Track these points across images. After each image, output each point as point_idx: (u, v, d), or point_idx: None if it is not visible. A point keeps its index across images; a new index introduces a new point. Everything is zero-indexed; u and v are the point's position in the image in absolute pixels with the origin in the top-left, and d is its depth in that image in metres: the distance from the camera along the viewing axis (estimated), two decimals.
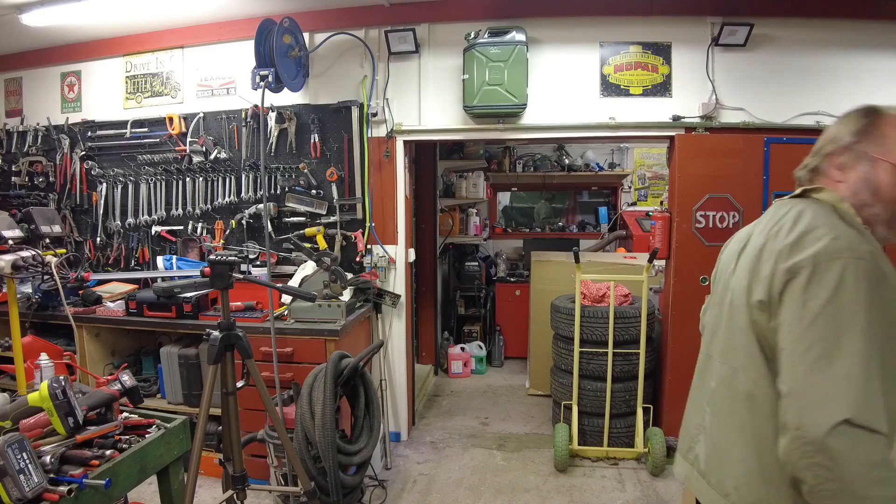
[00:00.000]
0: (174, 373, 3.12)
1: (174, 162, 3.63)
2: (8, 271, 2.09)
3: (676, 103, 3.22)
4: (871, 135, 1.11)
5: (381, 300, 3.43)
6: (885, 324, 0.95)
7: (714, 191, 3.19)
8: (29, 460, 1.29)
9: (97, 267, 3.85)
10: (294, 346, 2.87)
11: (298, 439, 2.35)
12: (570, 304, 3.50)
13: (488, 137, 3.58)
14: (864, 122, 1.13)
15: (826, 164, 1.16)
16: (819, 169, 1.18)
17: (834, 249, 0.98)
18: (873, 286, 0.96)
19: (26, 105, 4.01)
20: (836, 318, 0.95)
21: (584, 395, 3.36)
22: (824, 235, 1.01)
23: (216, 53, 3.59)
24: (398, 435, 3.63)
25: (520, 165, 5.78)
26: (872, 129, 1.11)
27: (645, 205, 5.83)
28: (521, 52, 3.08)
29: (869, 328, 0.94)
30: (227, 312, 1.96)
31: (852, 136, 1.12)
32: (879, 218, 1.09)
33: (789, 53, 3.13)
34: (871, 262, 0.97)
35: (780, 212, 1.14)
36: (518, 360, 5.25)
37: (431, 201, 4.81)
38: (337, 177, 3.45)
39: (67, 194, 3.85)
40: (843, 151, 1.14)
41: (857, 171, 1.11)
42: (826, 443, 0.89)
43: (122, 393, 1.70)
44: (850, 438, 0.89)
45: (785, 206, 1.15)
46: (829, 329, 0.95)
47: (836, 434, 0.89)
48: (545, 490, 3.01)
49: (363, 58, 3.40)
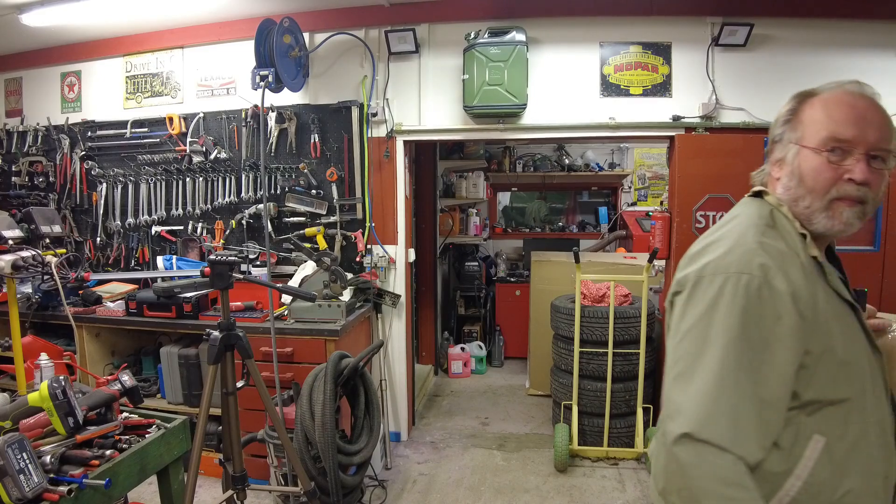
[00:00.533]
0: (174, 373, 3.12)
1: (174, 162, 3.63)
2: (8, 271, 2.09)
3: (676, 103, 3.22)
4: (792, 122, 1.04)
5: (381, 300, 3.43)
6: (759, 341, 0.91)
7: (714, 191, 3.19)
8: (29, 460, 1.29)
9: (97, 267, 3.85)
10: (294, 346, 2.87)
11: (298, 439, 2.35)
12: (570, 304, 3.50)
13: (488, 137, 3.59)
14: (787, 110, 1.06)
15: (769, 164, 1.10)
16: (766, 169, 1.12)
17: (719, 265, 0.97)
18: (752, 303, 0.92)
19: (26, 105, 4.01)
20: (704, 335, 0.94)
21: (584, 395, 3.36)
22: (719, 248, 0.99)
23: (216, 53, 3.59)
24: (398, 435, 3.63)
25: (520, 165, 5.77)
26: (793, 116, 1.04)
27: (645, 205, 5.82)
28: (521, 52, 3.08)
29: (733, 346, 0.91)
30: (227, 312, 1.96)
31: (780, 128, 1.06)
32: (814, 208, 1.01)
33: (789, 53, 3.13)
34: (758, 278, 0.93)
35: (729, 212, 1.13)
36: (518, 360, 5.25)
37: (431, 201, 4.81)
38: (337, 177, 3.45)
39: (67, 194, 3.85)
40: (773, 146, 1.08)
41: (786, 163, 1.05)
42: (673, 451, 0.91)
43: (122, 393, 1.70)
44: (693, 451, 0.89)
45: (736, 207, 1.14)
46: (696, 345, 0.94)
47: (680, 444, 0.90)
48: (545, 490, 3.01)
49: (363, 58, 3.39)
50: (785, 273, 0.94)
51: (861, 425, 0.95)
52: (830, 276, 1.00)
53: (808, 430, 0.94)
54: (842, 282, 1.04)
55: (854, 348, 0.98)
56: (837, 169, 0.98)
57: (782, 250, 0.98)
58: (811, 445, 0.94)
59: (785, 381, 0.92)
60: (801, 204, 1.02)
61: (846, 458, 0.94)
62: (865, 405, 0.96)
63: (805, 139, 1.01)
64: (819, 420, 0.94)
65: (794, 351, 0.92)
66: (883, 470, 0.97)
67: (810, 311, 0.93)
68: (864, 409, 0.96)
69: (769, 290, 0.92)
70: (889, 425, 1.00)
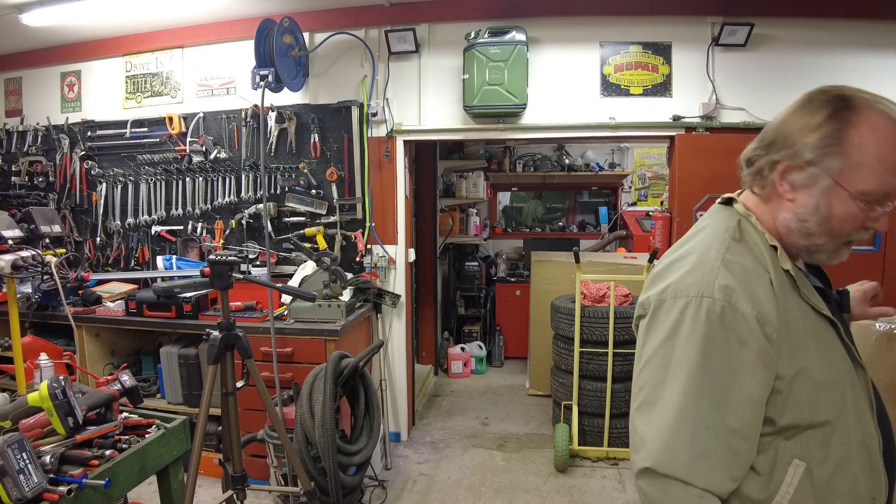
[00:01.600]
0: (174, 373, 3.12)
1: (174, 162, 3.63)
2: (8, 271, 2.09)
3: (677, 103, 3.22)
4: (835, 149, 0.87)
5: (381, 300, 3.43)
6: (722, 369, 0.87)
7: (714, 191, 3.15)
8: (29, 460, 1.29)
9: (97, 267, 3.84)
10: (294, 346, 2.86)
11: (298, 439, 2.35)
12: (570, 304, 3.50)
13: (488, 137, 3.58)
14: (830, 129, 0.87)
15: (776, 175, 0.94)
16: (764, 174, 0.97)
17: (679, 287, 0.92)
18: (714, 329, 0.87)
19: (26, 105, 4.01)
20: (665, 363, 0.90)
21: (584, 396, 3.36)
22: (681, 268, 0.94)
23: (216, 53, 3.59)
24: (398, 435, 3.63)
25: (520, 165, 5.77)
26: (837, 141, 0.87)
27: (645, 205, 5.82)
28: (521, 52, 3.08)
29: (695, 375, 0.87)
30: (226, 312, 1.96)
31: (813, 152, 0.88)
32: (822, 249, 0.94)
33: (790, 53, 3.13)
34: (720, 302, 0.87)
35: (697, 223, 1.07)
36: (518, 360, 5.25)
37: (431, 201, 4.80)
38: (337, 177, 3.45)
39: (67, 194, 3.85)
40: (800, 168, 0.91)
41: (809, 194, 0.90)
42: (638, 483, 0.90)
43: (121, 393, 1.70)
44: (657, 485, 0.88)
45: (704, 217, 1.07)
46: (658, 374, 0.91)
47: (644, 478, 0.89)
48: (545, 490, 3.01)
49: (363, 58, 3.39)
50: (750, 294, 0.88)
51: (844, 447, 0.90)
52: (805, 289, 0.93)
53: (787, 455, 0.90)
54: (822, 292, 0.97)
55: (833, 367, 0.92)
56: (864, 216, 0.90)
57: (748, 267, 0.91)
58: (790, 471, 0.89)
59: (754, 407, 0.88)
60: (810, 240, 0.93)
61: (829, 482, 0.90)
62: (848, 426, 0.91)
63: (846, 179, 0.87)
64: (798, 444, 0.90)
65: (762, 377, 0.87)
66: (869, 491, 0.92)
67: (780, 333, 0.88)
68: (847, 429, 0.91)
69: (733, 313, 0.87)
70: (875, 445, 0.94)
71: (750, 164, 1.01)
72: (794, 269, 0.94)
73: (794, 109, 0.94)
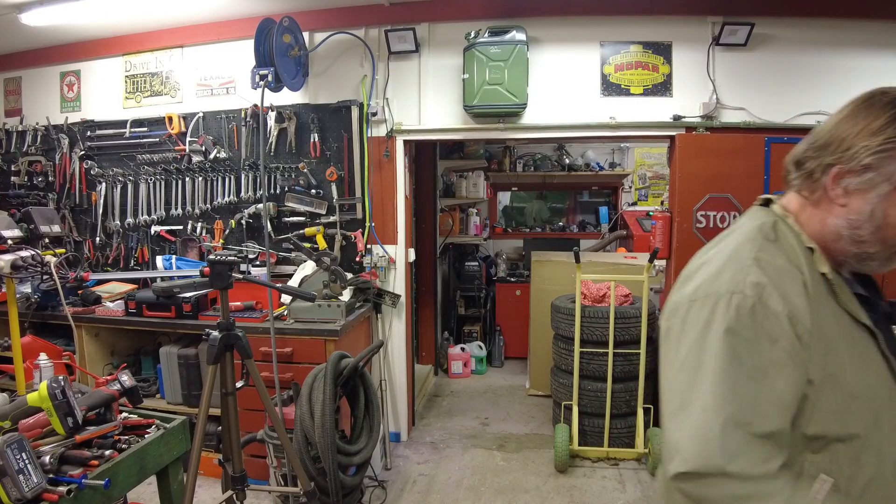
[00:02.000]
0: (173, 373, 3.12)
1: (173, 162, 3.63)
2: (7, 271, 2.09)
3: (677, 103, 3.22)
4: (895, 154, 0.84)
5: (381, 300, 3.42)
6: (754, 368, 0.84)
7: (715, 191, 3.19)
8: (28, 460, 1.28)
9: (96, 267, 3.84)
10: (294, 346, 2.86)
11: (298, 440, 2.35)
12: (570, 304, 3.50)
13: (488, 137, 3.58)
14: (893, 132, 0.84)
15: (828, 179, 0.91)
16: (815, 177, 0.93)
17: (710, 287, 0.89)
18: (744, 324, 0.84)
19: (25, 105, 4.01)
20: (696, 366, 0.87)
21: (584, 396, 3.36)
22: (711, 268, 0.92)
23: (216, 53, 3.58)
24: (398, 435, 3.62)
25: (520, 165, 5.77)
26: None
27: (645, 205, 5.82)
28: (521, 52, 3.08)
29: (726, 374, 0.83)
30: (226, 312, 1.96)
31: (872, 157, 0.85)
32: (874, 257, 0.90)
33: (790, 53, 3.13)
34: (751, 298, 0.84)
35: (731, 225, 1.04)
36: (518, 361, 5.24)
37: (431, 201, 4.80)
38: (337, 176, 3.45)
39: (67, 194, 3.84)
40: (856, 172, 0.87)
41: (865, 199, 0.87)
42: (681, 487, 0.86)
43: (121, 393, 1.69)
44: (697, 484, 0.83)
45: (739, 218, 1.04)
46: (689, 377, 0.88)
47: (682, 481, 0.85)
48: (545, 490, 3.00)
49: (363, 57, 3.39)
50: (782, 292, 0.85)
51: (876, 466, 0.86)
52: (842, 295, 0.89)
53: (813, 470, 0.86)
54: (866, 300, 0.93)
55: (867, 378, 0.87)
56: None
57: (781, 267, 0.88)
58: (816, 486, 0.85)
59: (785, 411, 0.84)
60: (861, 247, 0.90)
61: (859, 501, 0.85)
62: (881, 443, 0.86)
63: None
64: (826, 458, 0.86)
65: (794, 378, 0.84)
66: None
67: (810, 336, 0.84)
68: (881, 447, 0.86)
69: (764, 310, 0.84)
70: None
71: (799, 167, 0.96)
72: (833, 273, 0.91)
73: (851, 110, 0.90)
